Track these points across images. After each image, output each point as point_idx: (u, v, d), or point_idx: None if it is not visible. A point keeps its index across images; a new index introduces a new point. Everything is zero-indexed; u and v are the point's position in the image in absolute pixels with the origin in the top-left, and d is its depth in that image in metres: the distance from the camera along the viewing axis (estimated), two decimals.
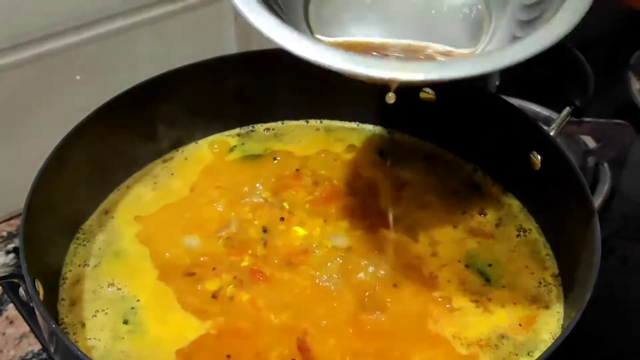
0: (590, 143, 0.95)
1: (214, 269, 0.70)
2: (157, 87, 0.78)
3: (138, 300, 0.67)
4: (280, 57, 0.82)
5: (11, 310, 0.80)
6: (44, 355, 0.76)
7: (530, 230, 0.75)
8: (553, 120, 0.75)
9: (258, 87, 0.84)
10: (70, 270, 0.70)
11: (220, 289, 0.68)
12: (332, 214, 0.76)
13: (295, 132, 0.86)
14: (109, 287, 0.68)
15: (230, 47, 0.98)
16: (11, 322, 0.79)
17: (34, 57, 0.84)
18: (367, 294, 0.68)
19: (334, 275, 0.69)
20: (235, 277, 0.69)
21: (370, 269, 0.70)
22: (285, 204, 0.77)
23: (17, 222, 0.90)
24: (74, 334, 0.65)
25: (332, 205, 0.77)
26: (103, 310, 0.67)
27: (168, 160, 0.82)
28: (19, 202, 0.89)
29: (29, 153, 0.86)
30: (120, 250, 0.72)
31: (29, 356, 0.76)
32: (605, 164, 0.94)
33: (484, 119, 0.79)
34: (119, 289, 0.68)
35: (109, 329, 0.65)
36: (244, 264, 0.70)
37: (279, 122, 0.87)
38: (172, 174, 0.81)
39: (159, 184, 0.80)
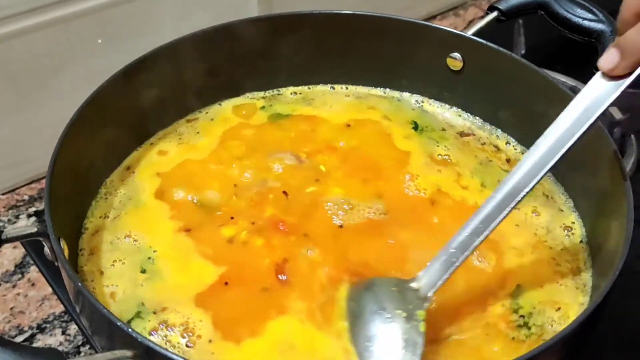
0: (617, 114, 0.93)
1: (232, 217, 0.70)
2: (179, 49, 0.78)
3: (155, 251, 0.68)
4: (303, 21, 0.82)
5: (33, 272, 0.80)
6: (66, 317, 0.76)
7: (556, 197, 0.74)
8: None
9: (281, 51, 0.83)
10: (91, 222, 0.71)
11: (236, 235, 0.68)
12: (361, 183, 0.74)
13: (326, 98, 0.85)
14: (125, 239, 0.69)
15: (252, 10, 0.97)
16: (33, 285, 0.79)
17: (56, 20, 0.83)
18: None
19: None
20: (253, 223, 0.69)
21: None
22: (322, 167, 0.76)
23: (38, 185, 0.90)
24: (92, 280, 0.66)
25: (362, 176, 0.75)
26: (120, 260, 0.67)
27: (192, 121, 0.82)
28: (40, 166, 0.88)
29: (50, 117, 0.85)
30: (140, 203, 0.72)
31: (50, 318, 0.76)
32: (632, 136, 0.92)
33: (511, 86, 0.78)
34: (135, 241, 0.69)
35: (127, 278, 0.66)
36: (267, 214, 0.70)
37: (305, 87, 0.86)
38: (198, 132, 0.80)
39: (183, 141, 0.79)
